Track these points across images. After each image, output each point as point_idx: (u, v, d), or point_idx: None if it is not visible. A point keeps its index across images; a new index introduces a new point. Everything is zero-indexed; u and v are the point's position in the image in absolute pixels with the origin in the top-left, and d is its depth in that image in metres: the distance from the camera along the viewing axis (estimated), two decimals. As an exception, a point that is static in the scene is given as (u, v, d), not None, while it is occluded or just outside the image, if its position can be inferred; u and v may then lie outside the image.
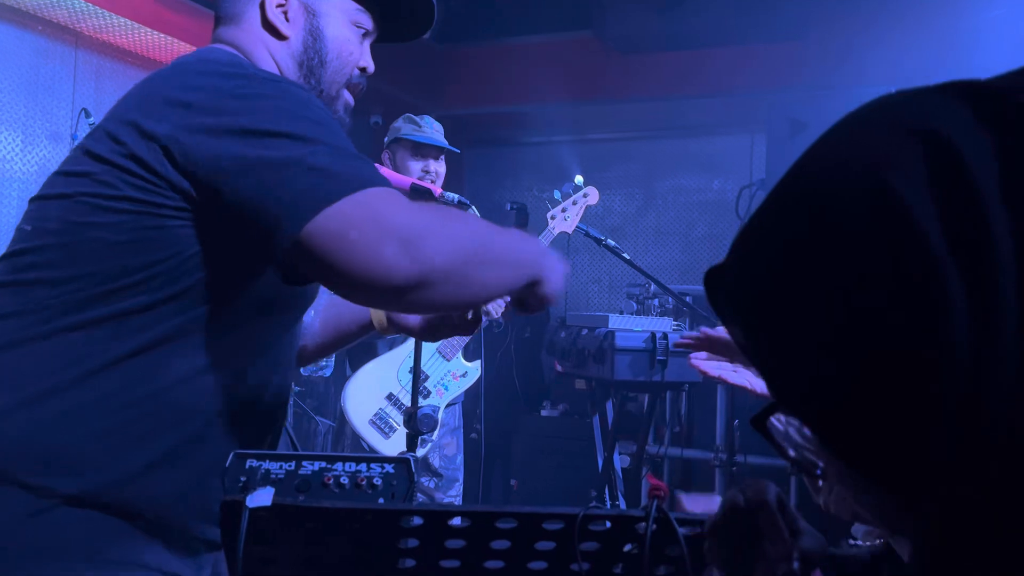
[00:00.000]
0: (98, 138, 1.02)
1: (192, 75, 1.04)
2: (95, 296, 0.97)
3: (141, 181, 0.97)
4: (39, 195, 1.05)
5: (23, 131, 4.03)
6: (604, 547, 0.86)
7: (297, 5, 1.19)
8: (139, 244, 0.97)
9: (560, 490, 4.05)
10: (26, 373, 0.96)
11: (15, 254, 1.02)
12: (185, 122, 0.97)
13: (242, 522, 0.73)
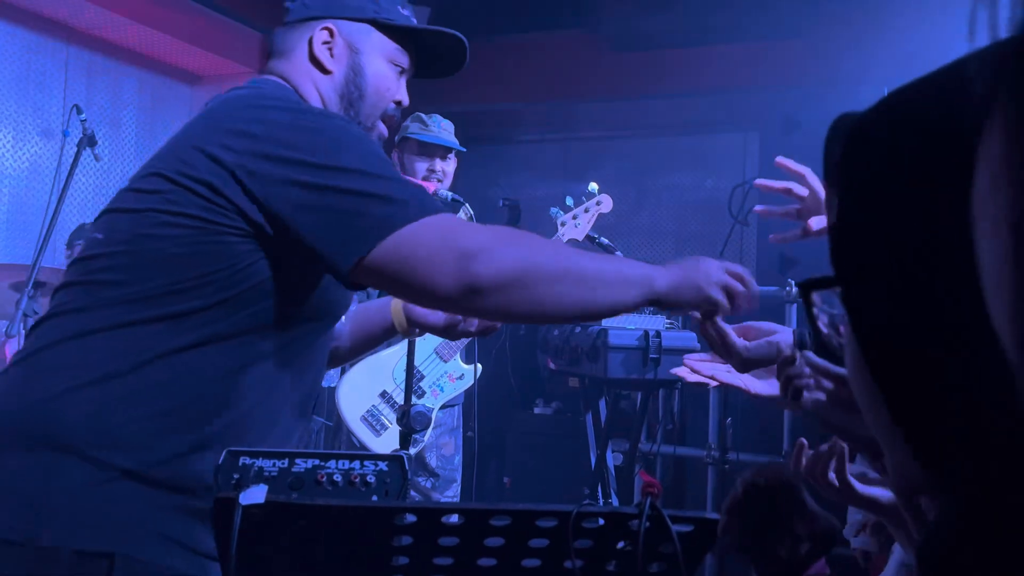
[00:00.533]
0: (167, 161, 1.15)
1: (253, 108, 1.17)
2: (154, 297, 1.10)
3: (206, 202, 1.10)
4: (111, 208, 1.19)
5: (14, 127, 4.01)
6: (597, 544, 0.86)
7: (342, 43, 1.32)
8: (197, 256, 1.11)
9: (553, 488, 4.05)
10: (93, 359, 1.09)
11: (89, 258, 1.16)
12: (251, 150, 1.10)
13: (235, 519, 0.73)
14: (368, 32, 1.34)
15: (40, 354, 1.13)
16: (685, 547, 0.84)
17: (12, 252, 3.94)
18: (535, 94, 5.04)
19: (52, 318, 1.16)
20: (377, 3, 1.34)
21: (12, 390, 1.13)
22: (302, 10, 1.36)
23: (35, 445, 1.08)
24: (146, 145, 4.68)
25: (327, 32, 1.32)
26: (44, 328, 1.16)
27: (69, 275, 1.19)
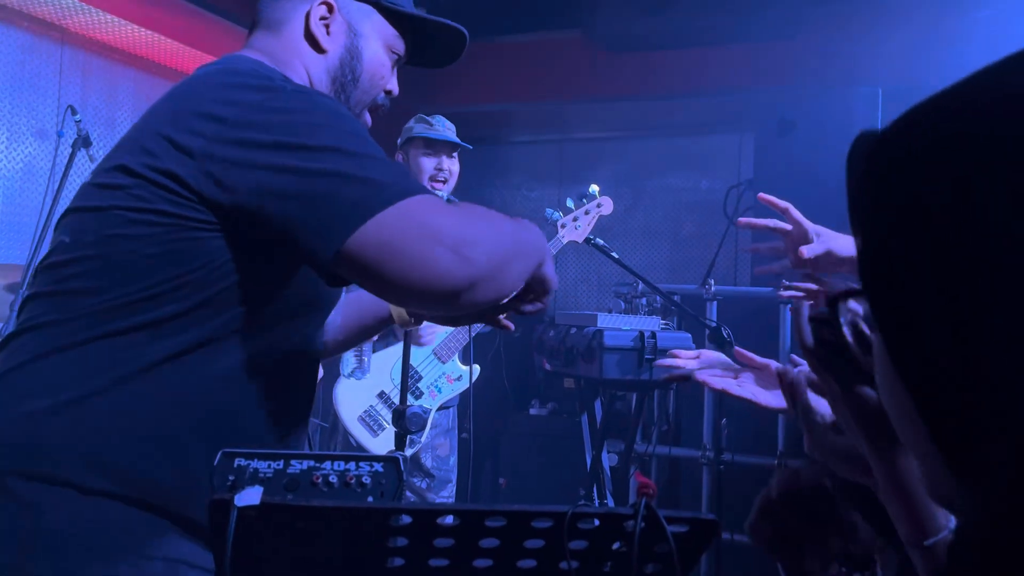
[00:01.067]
0: (131, 151, 1.04)
1: (222, 88, 1.05)
2: (131, 304, 1.00)
3: (174, 196, 0.99)
4: (74, 207, 1.08)
5: (8, 128, 4.00)
6: (593, 545, 0.86)
7: (341, 22, 1.22)
8: (171, 256, 1.00)
9: (548, 488, 4.05)
10: (68, 377, 1.00)
11: (57, 265, 1.06)
12: (220, 136, 0.99)
13: (230, 521, 0.73)
14: (369, 14, 1.24)
15: (16, 373, 1.03)
16: (680, 547, 0.84)
17: (7, 253, 3.93)
18: (530, 95, 5.04)
19: (22, 334, 1.05)
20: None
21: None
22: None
23: (12, 472, 0.99)
24: (141, 146, 4.67)
25: (326, 7, 1.21)
26: (14, 345, 1.05)
27: (37, 284, 1.08)
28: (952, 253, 0.40)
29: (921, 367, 0.42)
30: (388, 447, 2.66)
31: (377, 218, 0.95)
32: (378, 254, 0.95)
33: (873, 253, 0.45)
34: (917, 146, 0.45)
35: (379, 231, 0.95)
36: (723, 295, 3.55)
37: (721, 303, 3.53)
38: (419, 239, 0.96)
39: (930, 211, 0.42)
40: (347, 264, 0.97)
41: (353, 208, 0.96)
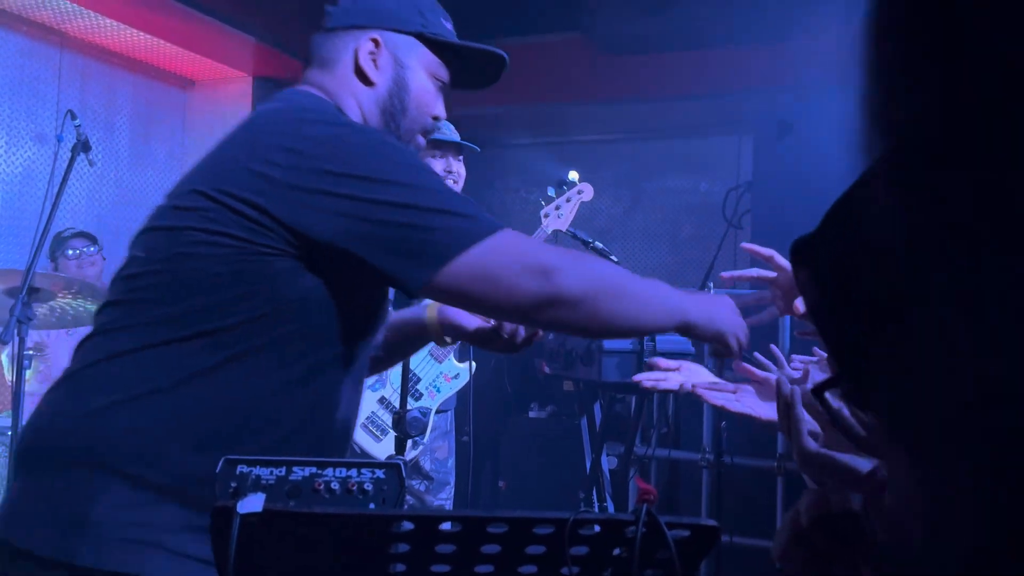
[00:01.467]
0: (207, 177, 1.13)
1: (296, 123, 1.14)
2: (193, 315, 1.09)
3: (249, 221, 1.07)
4: (151, 226, 1.17)
5: (7, 132, 4.00)
6: (594, 551, 0.87)
7: (387, 55, 1.29)
8: (237, 274, 1.09)
9: (548, 492, 4.05)
10: (133, 377, 1.09)
11: (131, 277, 1.16)
12: (297, 167, 1.07)
13: (233, 528, 0.73)
14: (413, 45, 1.31)
15: (86, 372, 1.13)
16: (681, 553, 0.85)
17: (6, 258, 3.93)
18: (528, 97, 5.05)
19: (97, 336, 1.16)
20: (424, 16, 1.32)
21: (57, 406, 1.14)
22: (345, 16, 1.31)
23: (74, 462, 1.07)
24: (140, 150, 4.67)
25: (373, 43, 1.28)
26: (88, 346, 1.16)
27: (112, 293, 1.19)
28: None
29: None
30: (391, 451, 2.67)
31: (469, 252, 1.06)
32: (471, 283, 1.07)
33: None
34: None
35: (470, 264, 1.06)
36: (722, 298, 3.55)
37: (720, 305, 3.53)
38: (510, 267, 1.08)
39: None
40: (438, 291, 1.08)
41: (446, 243, 1.06)
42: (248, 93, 4.79)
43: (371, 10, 1.30)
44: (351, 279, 1.13)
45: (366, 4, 1.31)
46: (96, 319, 1.19)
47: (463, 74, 1.39)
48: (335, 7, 1.33)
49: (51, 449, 1.10)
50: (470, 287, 1.08)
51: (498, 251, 1.09)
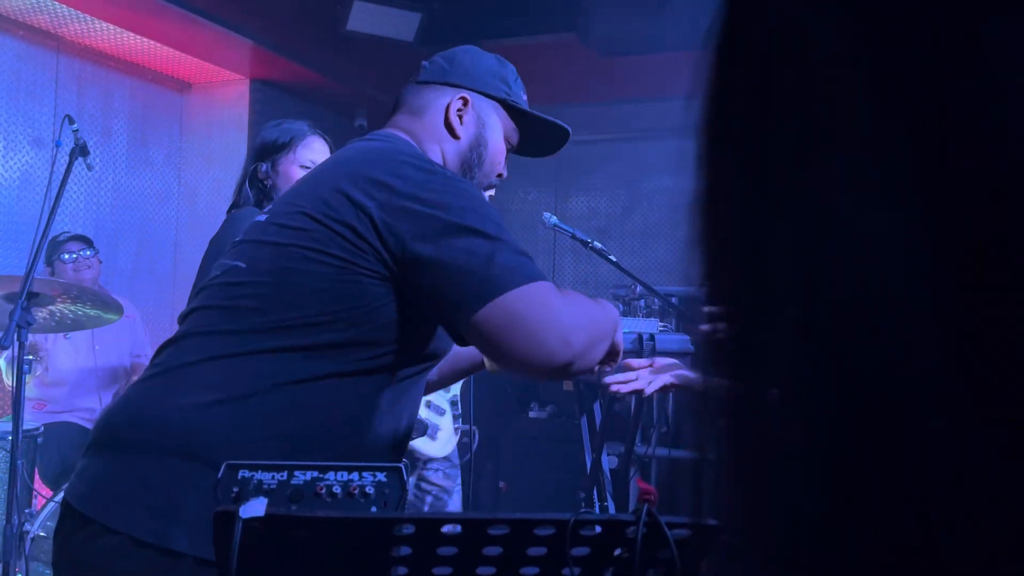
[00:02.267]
0: (311, 201, 1.24)
1: (393, 163, 1.26)
2: (294, 328, 1.19)
3: (348, 244, 1.19)
4: (253, 239, 1.28)
5: (4, 137, 4.00)
6: (595, 552, 0.87)
7: (473, 114, 1.46)
8: (336, 292, 1.19)
9: (548, 492, 4.06)
10: (235, 379, 1.18)
11: (231, 284, 1.25)
12: (390, 203, 1.19)
13: (235, 533, 0.73)
14: (496, 109, 1.49)
15: (185, 369, 1.21)
16: (682, 553, 0.85)
17: (4, 263, 3.93)
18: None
19: (193, 336, 1.24)
20: (508, 86, 1.50)
21: (154, 398, 1.22)
22: (441, 74, 1.47)
23: (172, 451, 1.15)
24: (137, 154, 4.67)
25: (462, 101, 1.44)
26: (185, 345, 1.24)
27: (208, 298, 1.27)
28: None
29: None
30: (446, 444, 2.93)
31: (502, 298, 1.14)
32: (499, 330, 1.15)
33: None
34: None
35: (503, 310, 1.15)
36: (721, 296, 3.55)
37: (719, 304, 3.53)
38: (535, 322, 1.16)
39: None
40: (474, 333, 1.17)
41: (484, 286, 1.15)
42: (245, 96, 4.79)
43: (465, 73, 1.47)
44: (425, 312, 1.25)
45: (461, 67, 1.48)
46: (189, 320, 1.28)
47: (528, 142, 1.57)
48: (431, 64, 1.49)
49: (148, 437, 1.17)
50: (496, 334, 1.15)
51: (523, 302, 1.16)
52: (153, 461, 1.15)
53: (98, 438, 1.24)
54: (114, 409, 1.27)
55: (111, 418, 1.25)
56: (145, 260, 4.73)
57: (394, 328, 1.22)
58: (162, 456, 1.15)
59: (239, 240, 1.32)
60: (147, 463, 1.16)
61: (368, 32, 4.38)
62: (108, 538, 1.12)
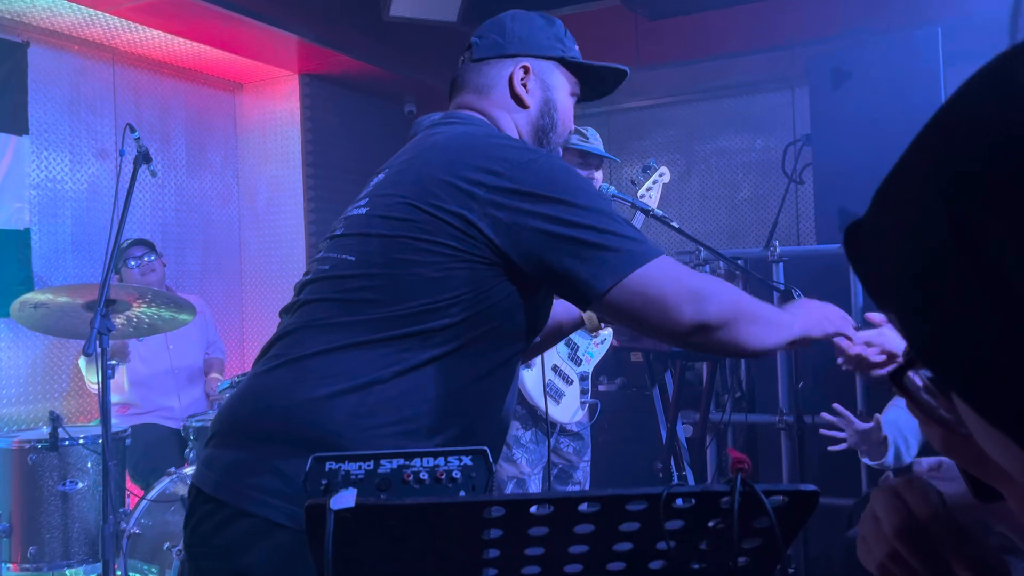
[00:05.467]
0: (415, 191, 1.26)
1: (491, 147, 1.29)
2: (411, 315, 1.22)
3: (458, 232, 1.22)
4: (358, 232, 1.30)
5: (71, 151, 4.12)
6: (689, 524, 0.85)
7: (535, 80, 1.46)
8: (449, 280, 1.23)
9: (625, 464, 4.04)
10: (359, 368, 1.22)
11: (342, 277, 1.28)
12: (498, 187, 1.23)
13: (328, 525, 0.73)
14: (554, 68, 1.49)
15: (307, 360, 1.25)
16: (781, 520, 0.82)
17: (80, 273, 4.05)
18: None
19: (308, 329, 1.28)
20: (562, 42, 1.50)
21: (278, 390, 1.25)
22: (494, 48, 1.47)
23: (299, 441, 1.18)
24: (196, 156, 4.77)
25: (524, 70, 1.45)
26: (301, 336, 1.28)
27: (317, 291, 1.31)
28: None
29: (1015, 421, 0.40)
30: (570, 410, 3.08)
31: (639, 271, 1.21)
32: (633, 301, 1.21)
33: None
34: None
35: (639, 283, 1.21)
36: (788, 256, 3.47)
37: (787, 264, 3.45)
38: (671, 291, 1.22)
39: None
40: (607, 306, 1.22)
41: (622, 261, 1.21)
42: (295, 91, 4.84)
43: (520, 40, 1.47)
44: (537, 286, 1.29)
45: (514, 36, 1.47)
46: (301, 312, 1.31)
47: (588, 88, 1.56)
48: (481, 40, 1.49)
49: (276, 428, 1.22)
50: (633, 305, 1.22)
51: (662, 274, 1.23)
52: (282, 450, 1.20)
53: (223, 429, 1.29)
54: (237, 402, 1.31)
55: (236, 410, 1.29)
56: (212, 261, 4.84)
57: (504, 308, 1.26)
58: (290, 445, 1.19)
59: (340, 234, 1.34)
60: (277, 452, 1.20)
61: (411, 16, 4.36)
62: (244, 520, 1.18)
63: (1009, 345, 0.38)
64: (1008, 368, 0.39)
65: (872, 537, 0.61)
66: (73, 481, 2.88)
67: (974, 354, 0.40)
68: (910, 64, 3.62)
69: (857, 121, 3.65)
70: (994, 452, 0.45)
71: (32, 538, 2.86)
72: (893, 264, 0.44)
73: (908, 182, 0.45)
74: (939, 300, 0.41)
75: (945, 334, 0.41)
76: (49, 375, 3.94)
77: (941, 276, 0.41)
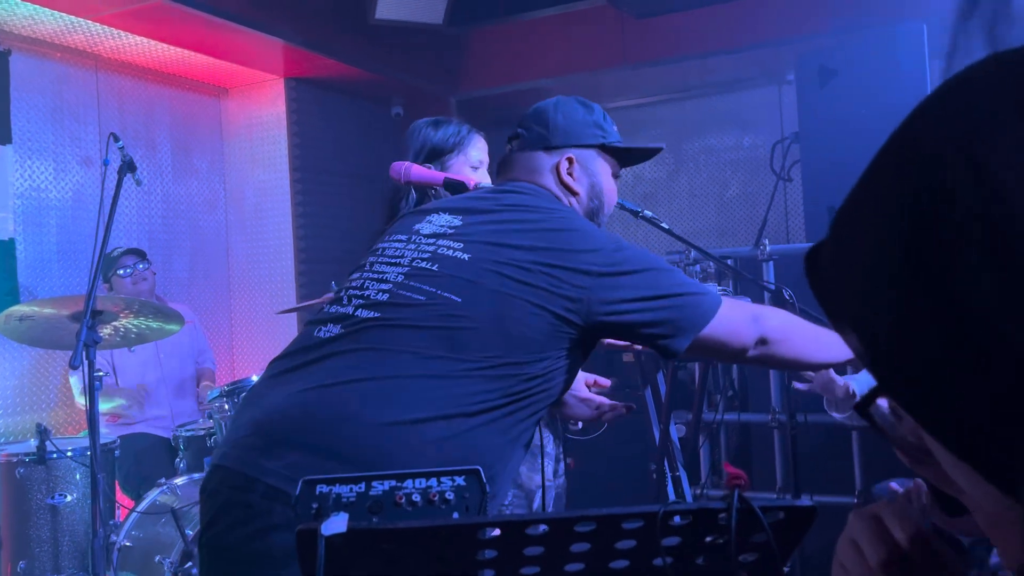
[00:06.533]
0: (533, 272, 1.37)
1: (588, 233, 1.42)
2: (500, 366, 1.32)
3: (570, 305, 1.35)
4: (471, 279, 1.37)
5: (54, 159, 4.08)
6: (686, 540, 0.84)
7: (579, 169, 1.58)
8: (543, 344, 1.35)
9: (617, 466, 4.03)
10: (437, 401, 1.28)
11: (446, 316, 1.34)
12: (600, 271, 1.37)
13: (319, 551, 0.72)
14: (598, 154, 1.60)
15: (398, 381, 1.30)
16: (778, 536, 0.81)
17: (67, 283, 4.02)
18: (560, 69, 4.97)
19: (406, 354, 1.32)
20: (602, 128, 1.60)
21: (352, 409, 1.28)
22: (542, 140, 1.59)
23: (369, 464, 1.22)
24: (182, 163, 4.73)
25: (568, 161, 1.57)
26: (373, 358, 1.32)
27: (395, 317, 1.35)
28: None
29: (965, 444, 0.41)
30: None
31: (713, 321, 1.40)
32: (715, 345, 1.42)
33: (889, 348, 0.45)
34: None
35: (716, 329, 1.41)
36: (778, 254, 3.47)
37: (777, 263, 3.45)
38: (739, 323, 1.43)
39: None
40: (693, 351, 1.41)
41: (702, 312, 1.40)
42: (281, 95, 4.81)
43: (564, 132, 1.58)
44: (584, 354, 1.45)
45: (557, 127, 1.58)
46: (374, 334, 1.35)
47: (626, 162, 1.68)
48: (528, 132, 1.61)
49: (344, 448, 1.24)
50: (713, 344, 1.42)
51: (730, 316, 1.42)
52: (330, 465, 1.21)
53: (283, 436, 1.27)
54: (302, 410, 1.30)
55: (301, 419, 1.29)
56: (200, 267, 4.80)
57: (559, 372, 1.40)
58: (340, 463, 1.21)
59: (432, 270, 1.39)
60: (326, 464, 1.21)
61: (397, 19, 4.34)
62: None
63: (974, 381, 0.39)
64: (973, 402, 0.39)
65: (852, 565, 0.61)
66: (62, 494, 2.85)
67: (939, 390, 0.40)
68: (896, 60, 3.63)
69: (844, 118, 3.66)
70: (960, 480, 0.46)
71: (22, 552, 2.83)
72: (853, 292, 0.45)
73: (866, 208, 0.46)
74: (901, 331, 0.42)
75: (908, 369, 0.42)
76: (37, 387, 3.90)
77: (901, 307, 0.42)
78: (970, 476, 0.44)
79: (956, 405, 0.40)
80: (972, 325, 0.39)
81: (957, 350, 0.39)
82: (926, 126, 0.44)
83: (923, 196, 0.41)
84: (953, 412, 0.41)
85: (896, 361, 0.43)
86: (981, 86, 0.43)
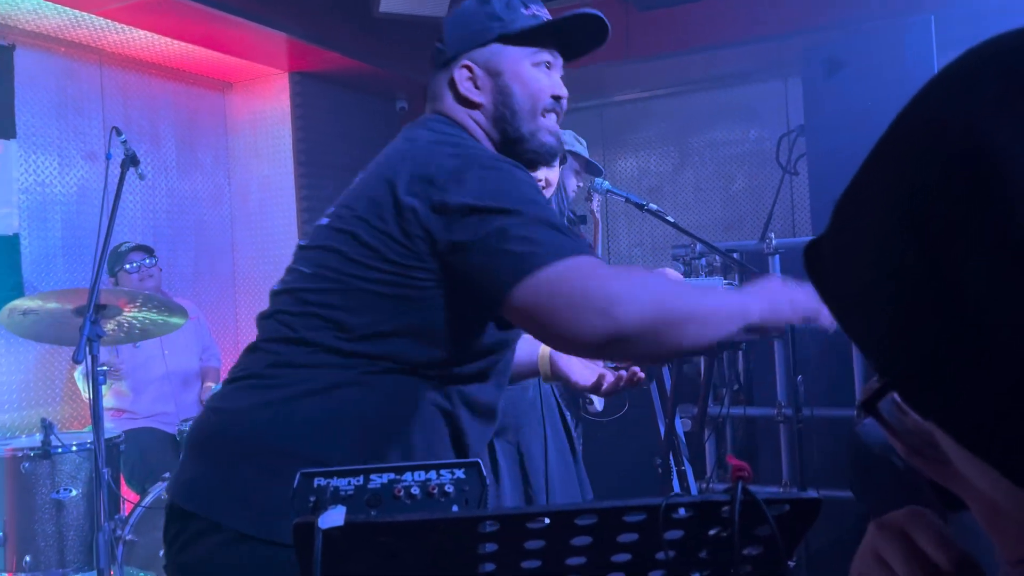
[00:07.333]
0: (366, 204, 1.24)
1: (429, 153, 1.25)
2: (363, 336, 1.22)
3: (401, 248, 1.20)
4: (320, 246, 1.29)
5: (59, 154, 4.08)
6: (689, 533, 0.83)
7: (482, 73, 1.36)
8: (395, 296, 1.21)
9: (623, 459, 4.02)
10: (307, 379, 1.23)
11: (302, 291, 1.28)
12: (428, 197, 1.19)
13: (316, 544, 0.71)
14: (499, 50, 1.36)
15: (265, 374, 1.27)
16: (783, 528, 0.80)
17: (71, 277, 4.02)
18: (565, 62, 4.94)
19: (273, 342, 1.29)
20: (500, 19, 1.36)
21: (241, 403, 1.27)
22: (439, 57, 1.40)
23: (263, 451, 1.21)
24: (186, 157, 4.73)
25: (466, 69, 1.36)
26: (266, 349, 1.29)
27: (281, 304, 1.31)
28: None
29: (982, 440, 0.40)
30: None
31: (537, 274, 1.10)
32: (535, 306, 1.11)
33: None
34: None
35: (537, 286, 1.10)
36: (785, 248, 3.45)
37: (783, 256, 3.43)
38: (571, 297, 1.09)
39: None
40: (512, 311, 1.14)
41: (518, 264, 1.11)
42: (286, 89, 4.80)
43: (456, 40, 1.38)
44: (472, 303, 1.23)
45: (450, 37, 1.38)
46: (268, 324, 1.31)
47: (568, 42, 1.41)
48: (434, 51, 1.42)
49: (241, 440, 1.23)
50: (535, 312, 1.12)
51: (562, 278, 1.11)
52: (249, 462, 1.21)
53: (193, 442, 1.30)
54: (205, 415, 1.32)
55: (204, 424, 1.31)
56: (205, 262, 4.80)
57: (449, 324, 1.23)
58: (256, 456, 1.21)
59: (306, 245, 1.35)
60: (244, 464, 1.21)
61: (401, 12, 4.32)
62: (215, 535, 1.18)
63: (976, 372, 0.38)
64: (975, 394, 0.38)
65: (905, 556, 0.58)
66: (67, 488, 2.85)
67: (950, 386, 0.39)
68: (903, 53, 3.60)
69: (851, 111, 3.63)
70: (975, 478, 0.45)
71: (27, 546, 2.83)
72: (853, 283, 0.44)
73: (866, 197, 0.45)
74: (901, 323, 0.41)
75: (909, 361, 0.41)
76: (42, 382, 3.91)
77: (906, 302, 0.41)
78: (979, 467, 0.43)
79: (958, 397, 0.40)
80: (974, 315, 0.38)
81: (959, 342, 0.39)
82: (925, 116, 0.43)
83: (923, 185, 0.41)
84: (955, 404, 0.40)
85: (897, 353, 0.42)
86: (982, 71, 0.42)
